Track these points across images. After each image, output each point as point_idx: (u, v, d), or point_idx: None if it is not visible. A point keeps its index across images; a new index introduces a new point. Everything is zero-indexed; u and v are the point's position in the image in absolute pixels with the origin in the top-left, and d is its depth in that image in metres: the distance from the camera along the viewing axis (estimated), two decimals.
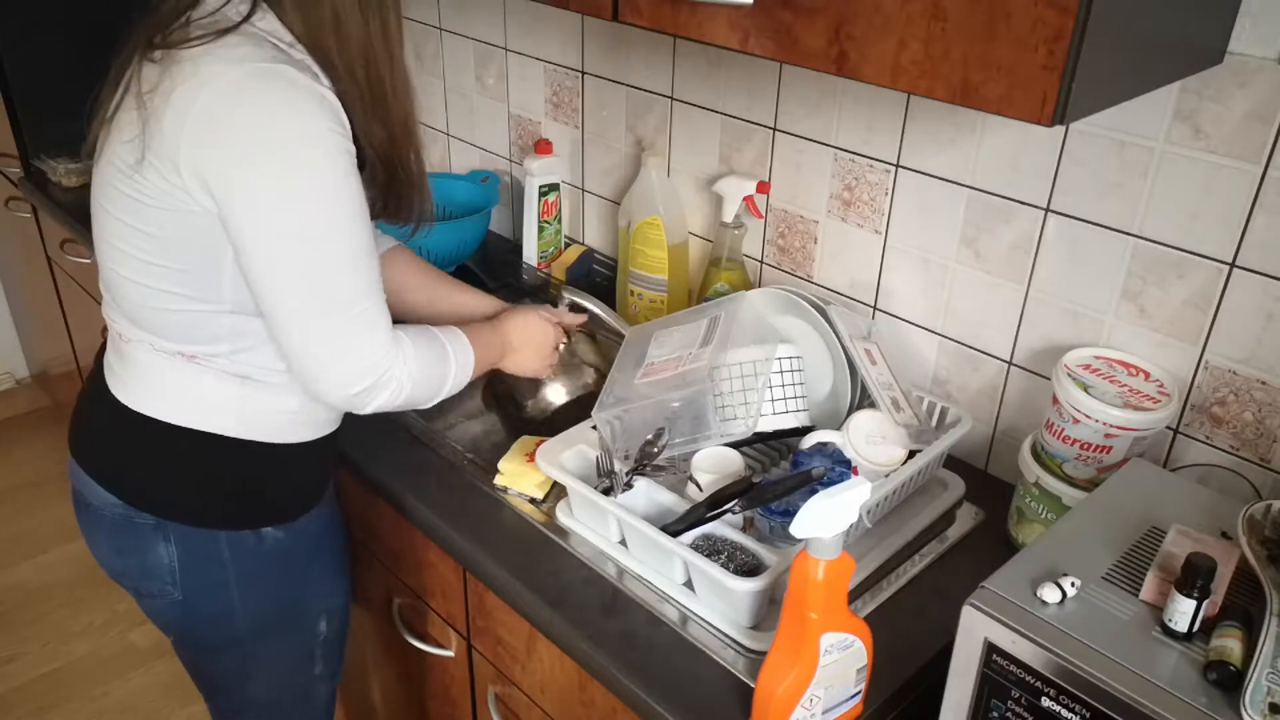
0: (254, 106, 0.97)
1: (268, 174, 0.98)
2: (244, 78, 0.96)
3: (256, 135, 0.97)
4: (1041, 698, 0.81)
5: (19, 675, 2.29)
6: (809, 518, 0.84)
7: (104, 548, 1.24)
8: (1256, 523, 0.88)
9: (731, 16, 0.96)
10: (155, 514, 1.16)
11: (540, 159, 1.79)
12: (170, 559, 1.18)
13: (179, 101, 0.97)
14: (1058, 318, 1.24)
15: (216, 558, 1.19)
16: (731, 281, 1.54)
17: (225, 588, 1.21)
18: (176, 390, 1.12)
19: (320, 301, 1.03)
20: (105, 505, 1.18)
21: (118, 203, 1.05)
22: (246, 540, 1.19)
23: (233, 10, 1.01)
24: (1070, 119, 0.80)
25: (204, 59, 0.98)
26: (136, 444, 1.15)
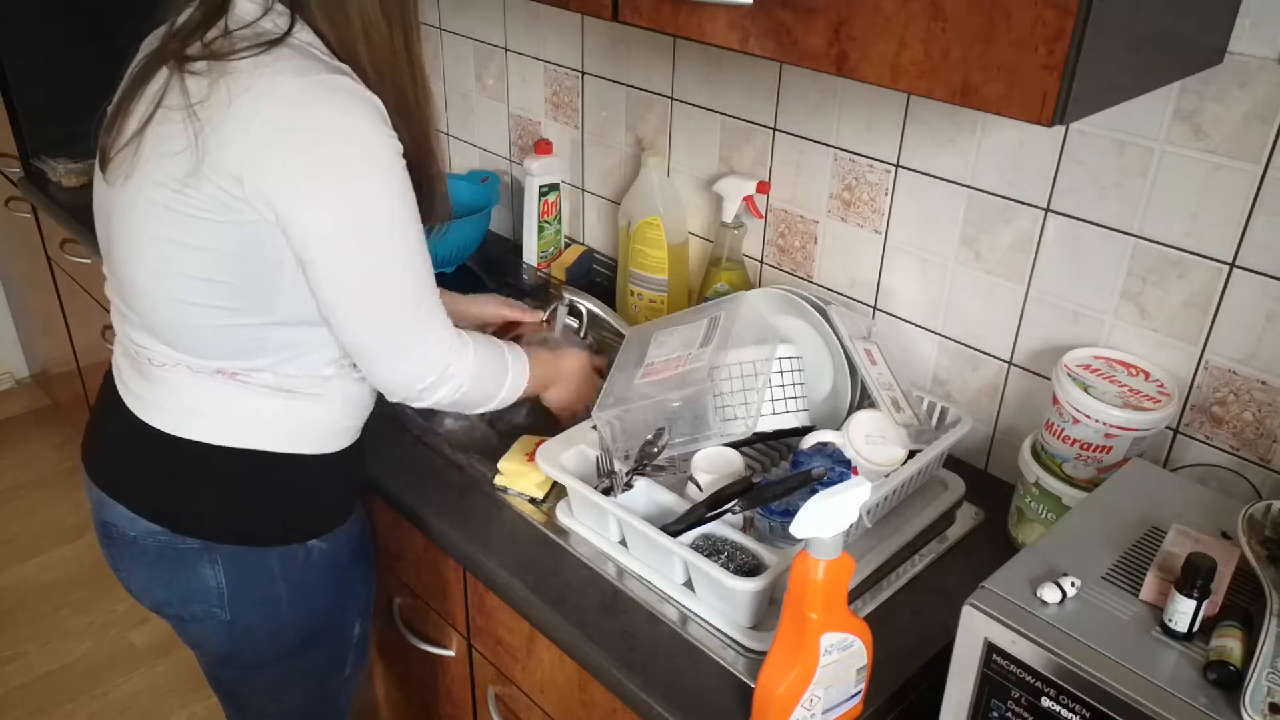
0: (318, 117, 0.97)
1: (337, 185, 0.99)
2: (306, 89, 0.97)
3: (323, 146, 0.97)
4: (1041, 698, 0.81)
5: (19, 675, 2.29)
6: (809, 518, 0.84)
7: (142, 578, 1.20)
8: (1256, 523, 0.88)
9: (731, 16, 0.96)
10: (203, 538, 1.14)
11: (540, 159, 1.79)
12: (218, 581, 1.16)
13: (240, 112, 0.96)
14: (1058, 318, 1.24)
15: (267, 576, 1.17)
16: (731, 281, 1.54)
17: (277, 604, 1.20)
18: (218, 410, 1.10)
19: (390, 304, 1.05)
20: (145, 535, 1.15)
21: (161, 219, 1.02)
22: (296, 555, 1.18)
23: (271, 23, 1.01)
24: (1070, 119, 0.80)
25: (262, 70, 0.97)
26: (178, 469, 1.13)
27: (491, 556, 1.20)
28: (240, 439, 1.11)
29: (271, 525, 1.17)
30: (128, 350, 1.15)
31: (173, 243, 1.03)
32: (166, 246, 1.03)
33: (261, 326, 1.06)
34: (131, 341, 1.13)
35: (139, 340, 1.12)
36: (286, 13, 1.02)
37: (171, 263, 1.04)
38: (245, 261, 1.02)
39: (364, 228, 1.01)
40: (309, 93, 0.97)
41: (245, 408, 1.10)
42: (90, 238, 2.05)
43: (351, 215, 1.00)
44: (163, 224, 1.02)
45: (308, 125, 0.97)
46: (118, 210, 1.07)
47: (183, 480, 1.13)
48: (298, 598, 1.20)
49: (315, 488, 1.19)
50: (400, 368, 1.09)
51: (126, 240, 1.07)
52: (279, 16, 1.01)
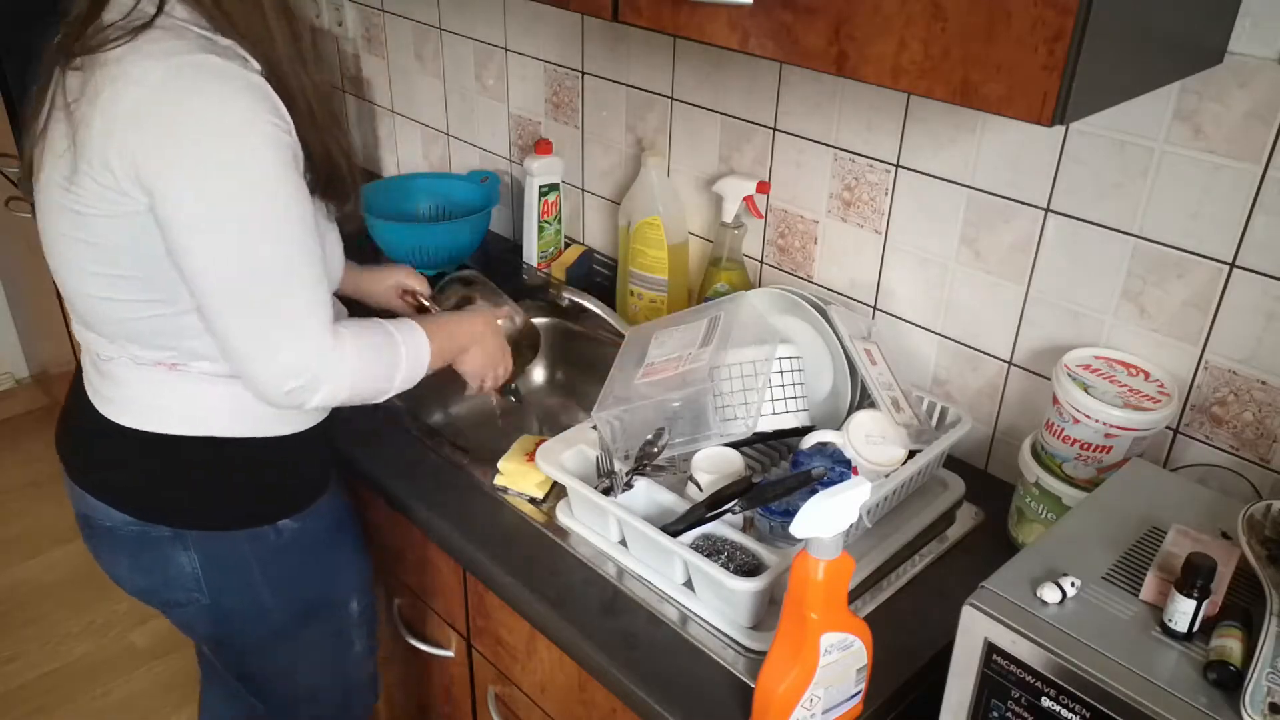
0: (183, 98, 0.96)
1: (197, 164, 0.96)
2: (172, 71, 0.95)
3: (186, 126, 0.95)
4: (1041, 698, 0.81)
5: (19, 675, 2.29)
6: (809, 518, 0.84)
7: (123, 567, 1.23)
8: (1256, 523, 0.88)
9: (731, 16, 0.96)
10: (171, 525, 1.16)
11: (540, 159, 1.79)
12: (193, 566, 1.17)
13: (106, 102, 0.96)
14: (1058, 318, 1.24)
15: (238, 558, 1.19)
16: (731, 281, 1.54)
17: (252, 586, 1.21)
18: (166, 401, 1.12)
19: (250, 297, 1.01)
20: (119, 525, 1.17)
21: (62, 219, 1.04)
22: (265, 536, 1.19)
23: (147, 5, 1.00)
24: (1070, 119, 0.80)
25: (128, 57, 0.96)
26: (138, 460, 1.14)
27: (491, 556, 1.20)
28: (191, 428, 1.12)
29: (235, 509, 1.18)
30: (84, 347, 1.17)
31: (77, 241, 1.04)
32: (73, 245, 1.05)
33: (178, 315, 1.06)
34: (83, 341, 1.16)
35: (86, 336, 1.14)
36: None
37: (80, 261, 1.05)
38: (137, 252, 1.02)
39: (226, 214, 0.98)
40: (174, 75, 0.95)
41: (189, 396, 1.11)
42: None
43: (213, 200, 0.97)
44: (64, 223, 1.04)
45: (171, 105, 0.95)
46: (39, 211, 1.09)
47: (145, 470, 1.15)
48: (276, 578, 1.21)
49: (276, 469, 1.19)
50: (263, 370, 1.03)
51: (47, 241, 1.09)
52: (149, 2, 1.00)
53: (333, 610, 1.31)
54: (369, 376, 1.11)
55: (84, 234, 1.03)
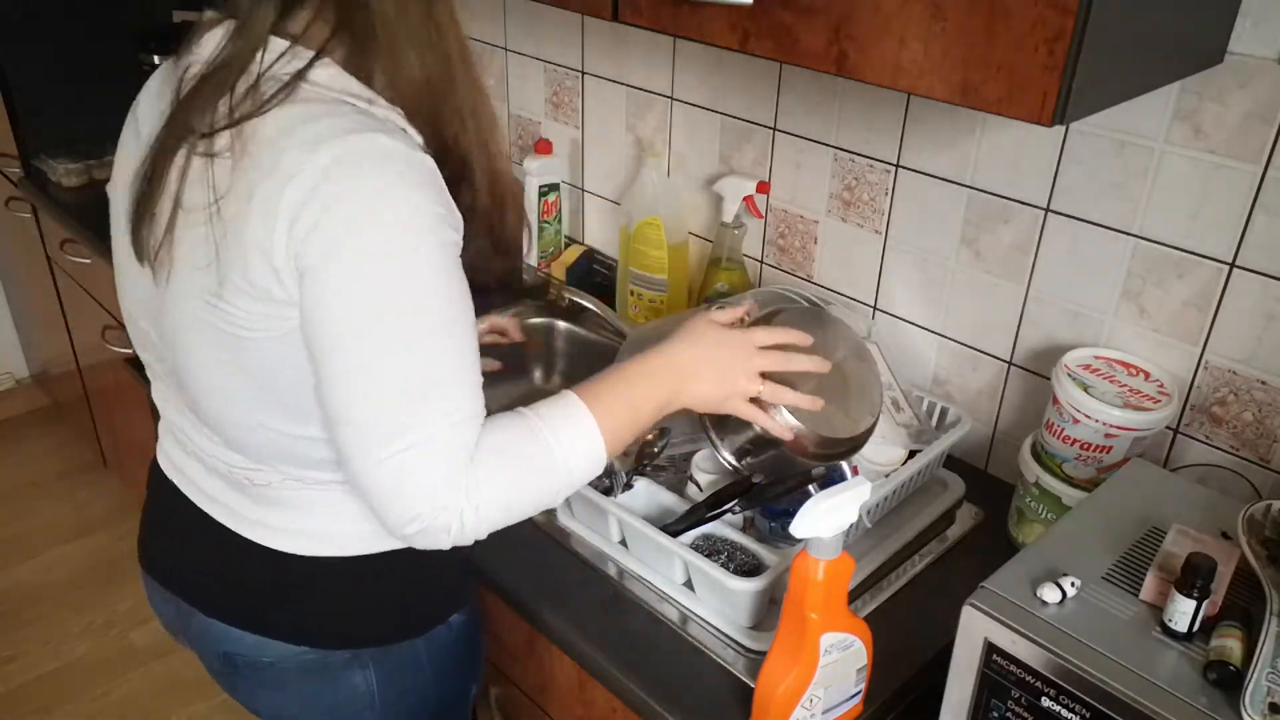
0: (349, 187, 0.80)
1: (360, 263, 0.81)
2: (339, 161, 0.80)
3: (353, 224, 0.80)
4: (1041, 698, 0.81)
5: (19, 675, 2.28)
6: (809, 518, 0.84)
7: (284, 701, 1.09)
8: (1256, 523, 0.88)
9: (731, 16, 0.96)
10: (353, 647, 1.04)
11: (540, 159, 1.79)
12: (368, 685, 1.06)
13: (263, 199, 0.81)
14: (1058, 318, 1.24)
15: (416, 665, 1.09)
16: (731, 281, 1.54)
17: (421, 690, 1.11)
18: (339, 521, 0.98)
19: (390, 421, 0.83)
20: (283, 658, 1.03)
21: (213, 341, 0.88)
22: (440, 636, 1.10)
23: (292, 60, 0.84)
24: (1070, 119, 0.80)
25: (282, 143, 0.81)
26: (311, 586, 1.01)
27: (491, 557, 1.20)
28: (366, 546, 1.00)
29: (418, 616, 1.08)
30: (212, 465, 1.00)
31: (230, 365, 0.89)
32: (226, 370, 0.89)
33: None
34: (218, 459, 0.99)
35: (228, 459, 0.98)
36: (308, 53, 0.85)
37: (236, 390, 0.90)
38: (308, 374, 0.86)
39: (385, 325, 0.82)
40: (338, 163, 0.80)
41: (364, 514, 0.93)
42: (90, 238, 2.05)
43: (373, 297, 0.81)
44: (216, 346, 0.88)
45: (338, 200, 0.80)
46: (169, 317, 0.92)
47: (319, 596, 1.02)
48: (440, 676, 1.12)
49: (448, 567, 1.09)
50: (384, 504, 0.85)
51: (187, 358, 0.92)
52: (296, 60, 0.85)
53: (463, 698, 1.22)
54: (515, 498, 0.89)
55: (238, 358, 0.88)
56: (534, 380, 1.75)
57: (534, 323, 1.74)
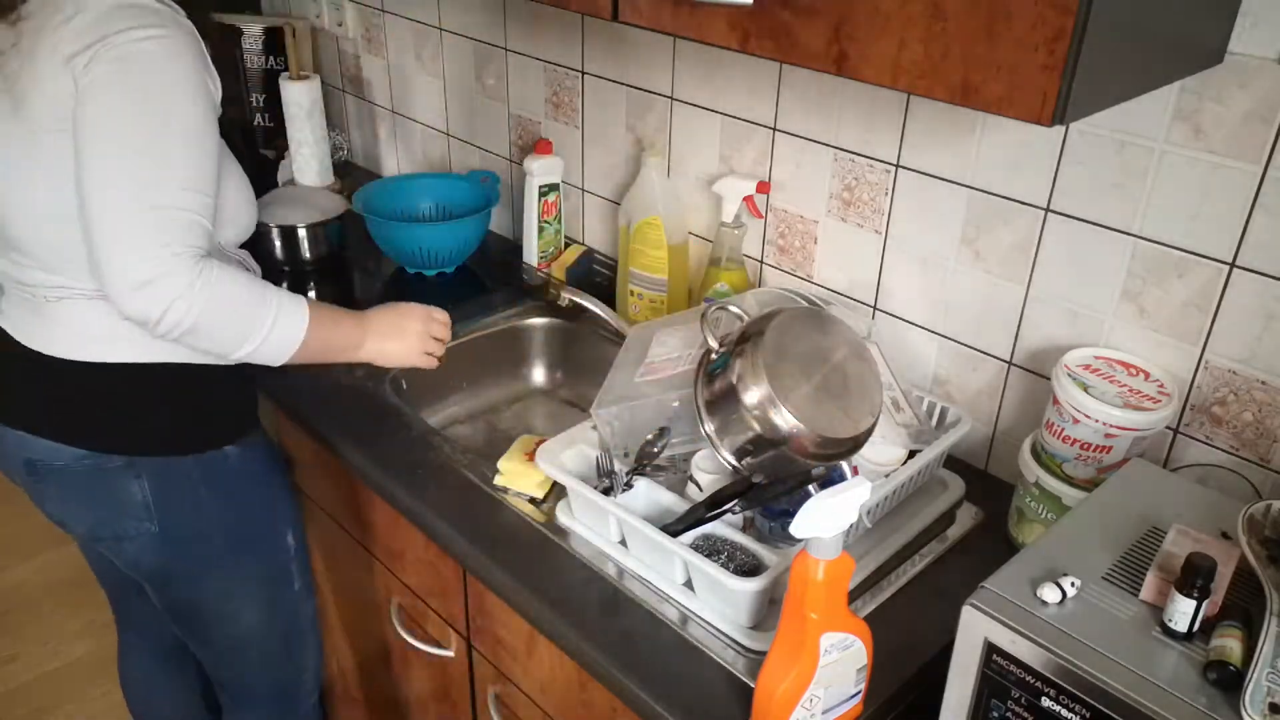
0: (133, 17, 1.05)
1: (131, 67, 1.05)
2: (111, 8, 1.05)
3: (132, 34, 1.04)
4: (1041, 698, 0.81)
5: (19, 675, 2.29)
6: (809, 518, 0.84)
7: (75, 506, 1.28)
8: (1256, 523, 0.88)
9: (731, 16, 0.96)
10: (126, 453, 1.21)
11: (540, 159, 1.79)
12: (144, 494, 1.23)
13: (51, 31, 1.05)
14: (1058, 318, 1.24)
15: (189, 482, 1.25)
16: (731, 281, 1.54)
17: (200, 510, 1.27)
18: (112, 328, 1.15)
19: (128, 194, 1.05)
20: (71, 462, 1.21)
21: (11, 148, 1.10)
22: (213, 461, 1.26)
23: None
24: (1070, 119, 0.80)
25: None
26: (91, 393, 1.19)
27: (491, 556, 1.20)
28: (137, 353, 1.18)
29: (188, 434, 1.24)
30: (20, 293, 1.21)
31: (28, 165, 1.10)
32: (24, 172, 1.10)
33: None
34: (22, 284, 1.19)
35: (23, 278, 1.18)
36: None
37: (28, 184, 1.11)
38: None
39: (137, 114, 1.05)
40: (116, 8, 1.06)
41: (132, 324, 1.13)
42: None
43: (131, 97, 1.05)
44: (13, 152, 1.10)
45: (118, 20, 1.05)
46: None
47: (98, 403, 1.20)
48: (221, 503, 1.28)
49: (224, 394, 1.27)
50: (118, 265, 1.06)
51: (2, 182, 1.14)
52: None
53: (271, 542, 1.38)
54: (225, 315, 1.10)
55: (37, 153, 1.09)
56: (534, 380, 1.75)
57: (534, 322, 1.74)
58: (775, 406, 1.02)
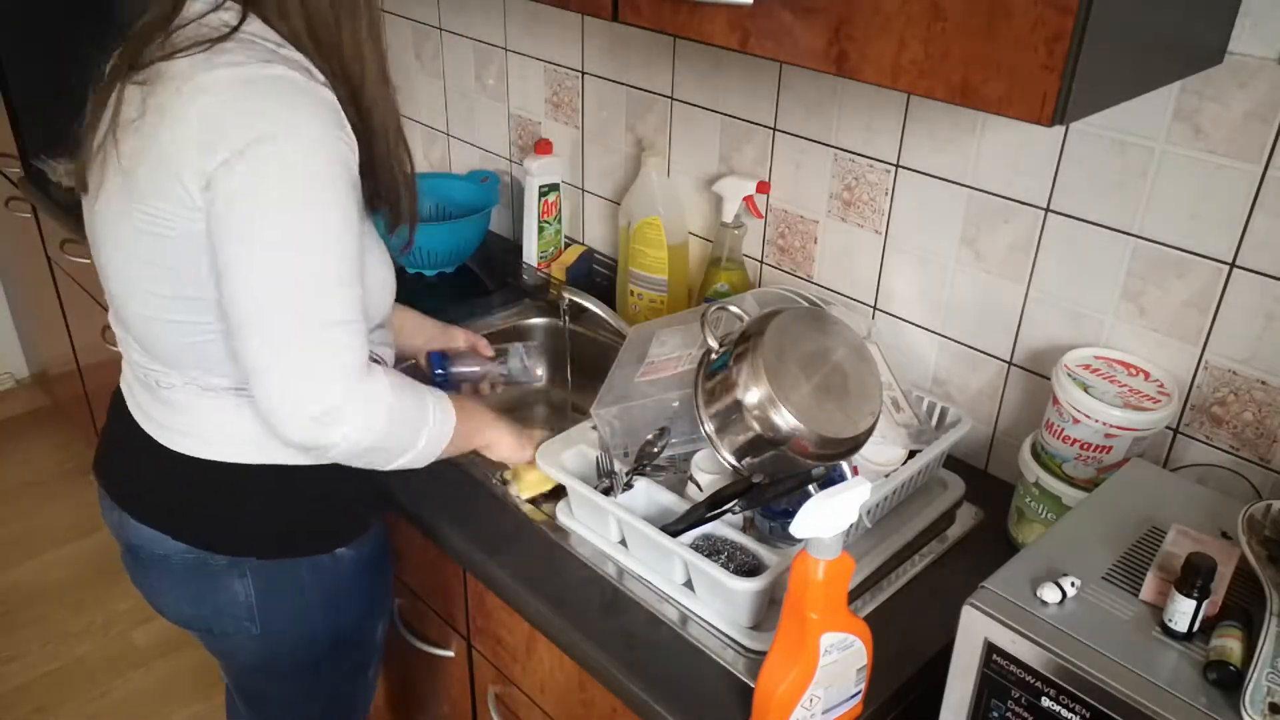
0: (255, 110, 0.93)
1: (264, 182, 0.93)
2: (241, 80, 0.93)
3: (258, 142, 0.92)
4: (1041, 698, 0.81)
5: (19, 675, 2.28)
6: (809, 518, 0.84)
7: (172, 597, 1.19)
8: (1256, 523, 0.88)
9: (731, 16, 0.96)
10: (231, 554, 1.13)
11: (540, 159, 1.79)
12: (248, 595, 1.15)
13: (175, 111, 0.94)
14: (1058, 318, 1.24)
15: (297, 587, 1.16)
16: (731, 281, 1.54)
17: (306, 614, 1.19)
18: (235, 429, 1.08)
19: (292, 317, 0.95)
20: (172, 554, 1.13)
21: (134, 243, 1.00)
22: (324, 564, 1.17)
23: (217, 19, 0.98)
24: (1070, 119, 0.80)
25: (198, 68, 0.94)
26: (203, 490, 1.11)
27: (491, 557, 1.20)
28: (254, 455, 1.09)
29: (300, 537, 1.16)
30: (136, 373, 1.13)
31: (150, 265, 1.00)
32: (146, 270, 1.01)
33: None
34: (138, 364, 1.11)
35: (144, 363, 1.10)
36: (236, 7, 0.99)
37: (156, 284, 1.01)
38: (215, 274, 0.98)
39: (286, 227, 0.94)
40: (246, 84, 0.93)
41: (255, 423, 1.06)
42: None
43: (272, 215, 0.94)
44: (136, 247, 1.00)
45: (242, 120, 0.92)
46: (98, 231, 1.05)
47: (206, 499, 1.12)
48: (327, 606, 1.19)
49: (339, 496, 1.17)
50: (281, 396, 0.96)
51: (111, 264, 1.05)
52: (227, 13, 0.98)
53: (364, 637, 1.30)
54: (398, 425, 1.03)
55: (160, 257, 0.99)
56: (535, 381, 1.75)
57: (534, 323, 1.74)
58: (775, 406, 1.02)
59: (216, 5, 0.99)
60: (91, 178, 1.04)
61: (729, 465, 1.09)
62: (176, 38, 0.97)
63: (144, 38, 1.00)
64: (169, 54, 0.96)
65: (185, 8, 1.00)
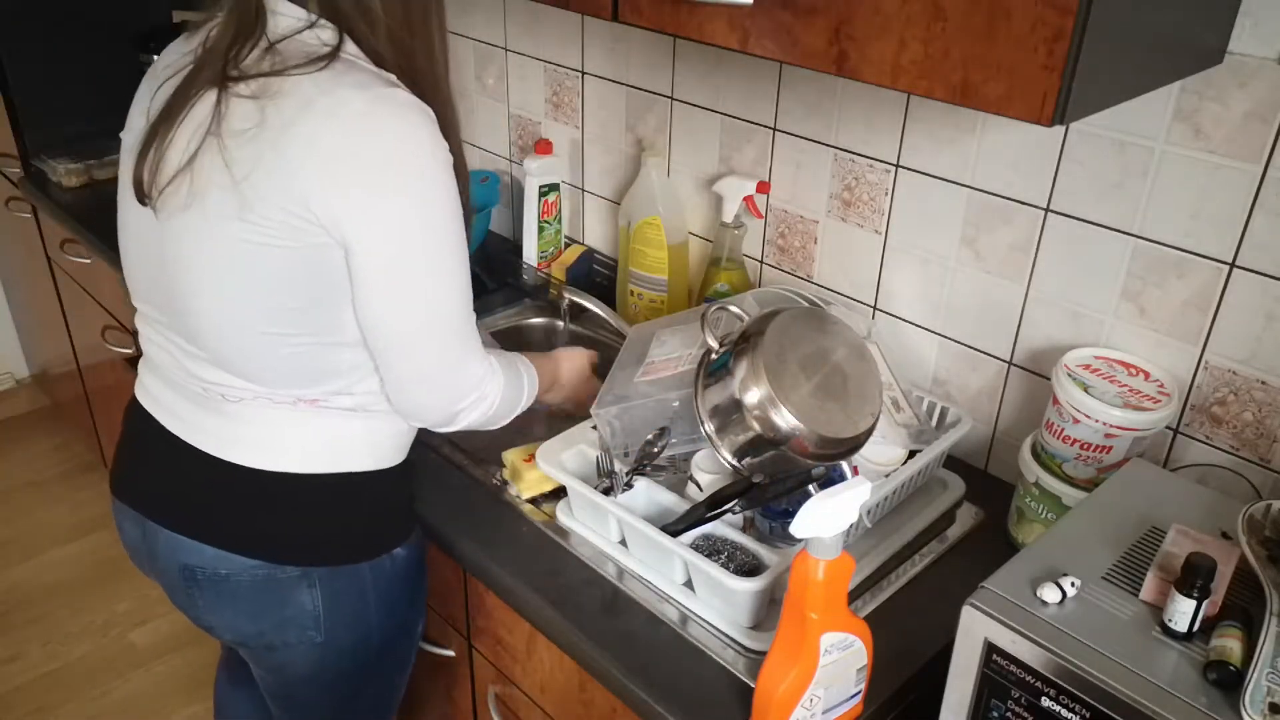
0: (386, 131, 0.96)
1: (405, 202, 0.98)
2: (372, 103, 0.95)
3: (393, 163, 0.97)
4: (1041, 698, 0.81)
5: (19, 675, 2.28)
6: (809, 518, 0.84)
7: (231, 613, 1.17)
8: (1256, 523, 0.88)
9: (731, 16, 0.96)
10: (301, 564, 1.13)
11: (540, 159, 1.79)
12: (315, 604, 1.15)
13: (304, 134, 0.94)
14: (1058, 318, 1.24)
15: (360, 590, 1.18)
16: (731, 281, 1.54)
17: (364, 616, 1.20)
18: (303, 440, 1.10)
19: (441, 325, 1.05)
20: (238, 571, 1.12)
21: (230, 252, 0.99)
22: (384, 566, 1.19)
23: (316, 37, 0.99)
24: (1070, 119, 0.80)
25: (322, 86, 0.95)
26: (270, 501, 1.11)
27: (491, 557, 1.20)
28: (329, 464, 1.12)
29: (366, 541, 1.18)
30: (187, 388, 1.11)
31: (243, 273, 1.00)
32: (236, 278, 1.01)
33: (333, 348, 1.05)
34: (197, 379, 1.10)
35: (209, 377, 1.09)
36: (332, 27, 0.99)
37: (243, 293, 1.01)
38: (315, 285, 1.01)
39: (428, 247, 1.00)
40: (375, 106, 0.96)
41: (328, 433, 1.10)
42: (90, 238, 2.05)
43: (417, 234, 0.99)
44: (232, 257, 1.00)
45: (376, 141, 0.96)
46: (172, 245, 1.03)
47: (278, 512, 1.12)
48: (384, 607, 1.21)
49: (395, 498, 1.22)
50: (439, 392, 1.08)
51: (190, 275, 1.03)
52: (324, 31, 0.99)
53: (408, 637, 1.31)
54: (510, 398, 1.16)
55: (253, 266, 0.99)
56: None
57: (534, 323, 1.74)
58: (775, 407, 1.02)
59: (310, 23, 0.99)
60: (169, 189, 1.01)
61: (729, 465, 1.09)
62: (285, 53, 0.97)
63: (230, 46, 0.98)
64: (280, 70, 0.96)
65: (270, 22, 0.99)
